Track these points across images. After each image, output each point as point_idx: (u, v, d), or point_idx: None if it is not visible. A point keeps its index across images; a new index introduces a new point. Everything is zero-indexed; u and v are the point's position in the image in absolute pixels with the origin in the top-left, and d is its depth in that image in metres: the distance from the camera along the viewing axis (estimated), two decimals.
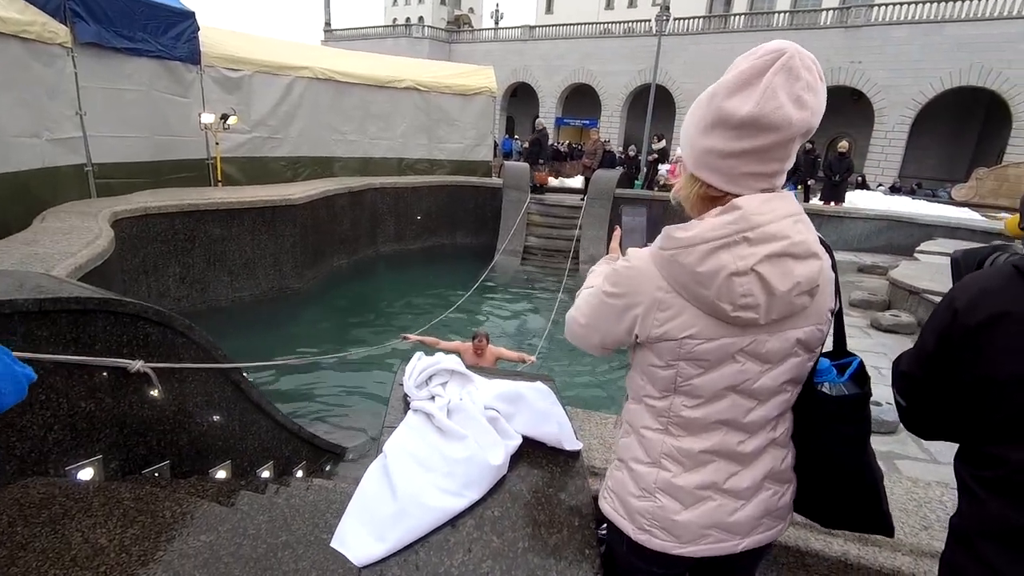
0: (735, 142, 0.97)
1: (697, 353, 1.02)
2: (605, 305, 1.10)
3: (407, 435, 1.44)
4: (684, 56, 28.98)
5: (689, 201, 1.09)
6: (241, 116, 9.02)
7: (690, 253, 0.98)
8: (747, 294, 0.97)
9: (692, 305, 1.00)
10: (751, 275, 0.96)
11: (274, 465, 3.66)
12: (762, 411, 1.08)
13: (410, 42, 37.11)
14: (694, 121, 1.04)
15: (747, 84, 0.94)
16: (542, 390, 1.58)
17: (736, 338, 1.01)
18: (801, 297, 1.01)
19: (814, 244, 1.02)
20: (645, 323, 1.04)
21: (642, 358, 1.11)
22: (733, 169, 1.00)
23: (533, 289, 10.63)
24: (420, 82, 12.06)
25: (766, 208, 0.98)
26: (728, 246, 0.96)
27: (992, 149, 24.07)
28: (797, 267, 0.98)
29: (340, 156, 11.24)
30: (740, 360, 1.03)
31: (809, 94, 0.95)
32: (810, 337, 1.07)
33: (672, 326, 1.02)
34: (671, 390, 1.08)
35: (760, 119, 0.93)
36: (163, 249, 6.86)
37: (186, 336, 2.95)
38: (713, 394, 1.05)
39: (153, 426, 2.87)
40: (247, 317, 7.45)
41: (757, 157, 0.98)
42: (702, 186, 1.05)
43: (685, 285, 1.00)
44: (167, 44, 7.98)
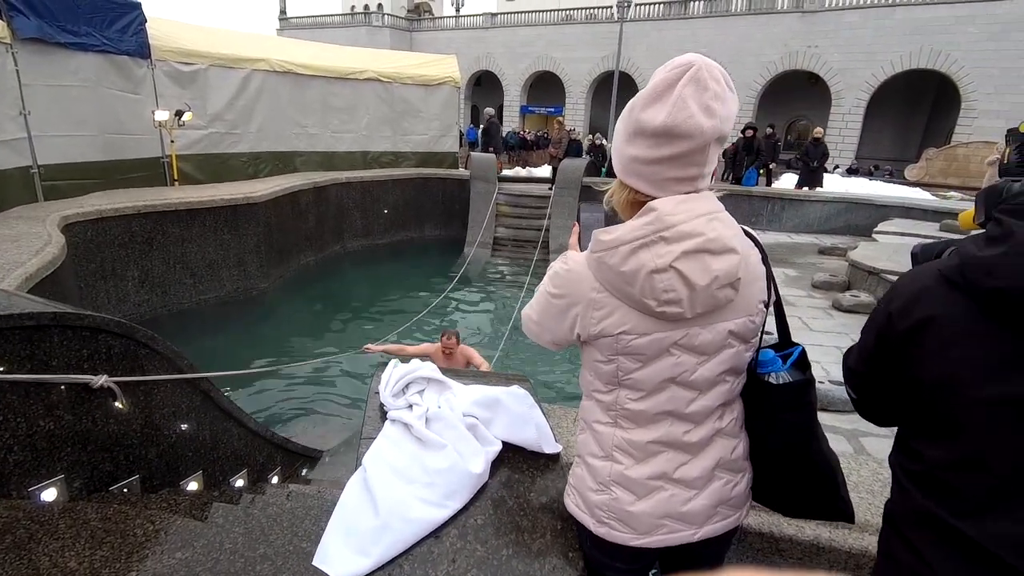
0: (654, 150, 1.03)
1: (633, 348, 1.08)
2: (551, 305, 1.17)
3: (386, 447, 1.43)
4: (646, 42, 29.16)
5: (620, 206, 1.15)
6: (197, 111, 8.72)
7: (614, 254, 1.04)
8: (669, 289, 1.02)
9: (623, 303, 1.06)
10: (670, 272, 1.02)
11: (248, 473, 3.59)
12: (704, 401, 1.13)
13: (370, 31, 36.38)
14: (620, 131, 1.10)
15: (660, 96, 1.00)
16: (519, 395, 1.58)
17: (668, 332, 1.07)
18: (723, 290, 1.06)
19: (730, 240, 1.07)
20: (584, 322, 1.11)
21: (588, 355, 1.17)
22: (656, 175, 1.06)
23: (504, 281, 10.64)
24: (382, 73, 11.84)
25: (681, 209, 1.04)
26: (646, 246, 1.02)
27: (942, 130, 25.01)
28: (714, 262, 1.04)
29: (302, 151, 10.98)
30: (675, 353, 1.08)
31: (717, 103, 1.00)
32: (742, 329, 1.12)
33: (608, 323, 1.08)
34: (615, 383, 1.13)
35: (673, 128, 0.99)
36: (120, 253, 6.61)
37: (149, 347, 2.86)
38: (654, 386, 1.11)
39: (119, 441, 2.78)
40: (213, 320, 7.26)
41: (676, 163, 1.04)
42: (630, 192, 1.12)
43: (614, 284, 1.06)
44: (113, 38, 7.64)
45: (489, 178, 11.92)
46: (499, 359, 6.77)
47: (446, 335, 4.85)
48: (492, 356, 6.60)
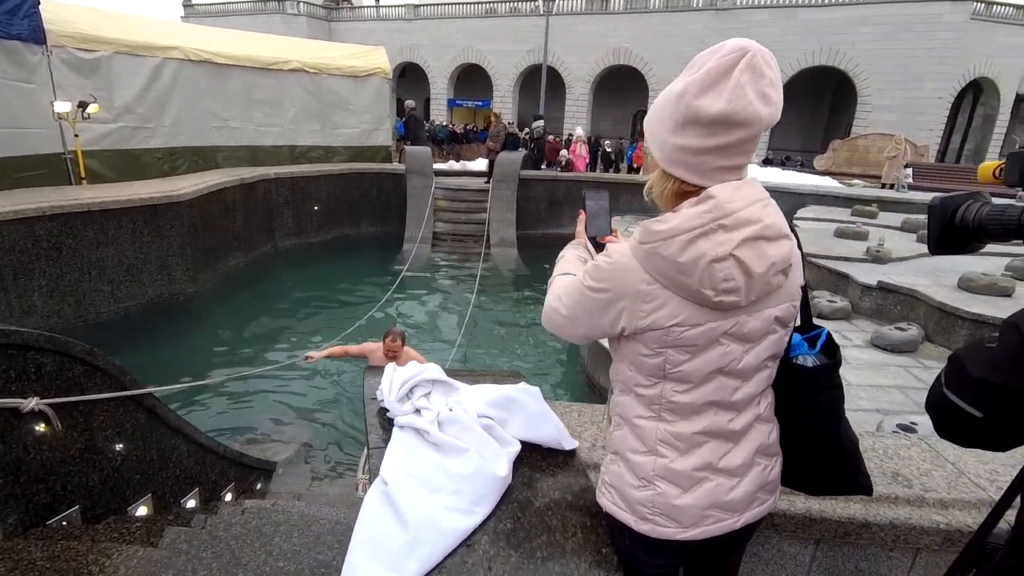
0: (707, 139, 1.01)
1: (684, 340, 1.06)
2: (588, 299, 1.12)
3: (402, 455, 1.34)
4: (569, 36, 29.58)
5: (663, 197, 1.13)
6: (103, 103, 7.97)
7: (670, 244, 1.01)
8: (728, 278, 1.01)
9: (676, 294, 1.04)
10: (730, 260, 1.01)
11: (200, 492, 3.34)
12: (747, 388, 1.13)
13: (284, 19, 34.67)
14: (662, 120, 1.07)
15: (716, 83, 0.98)
16: (532, 392, 1.53)
17: (720, 321, 1.06)
18: (777, 276, 1.07)
19: (784, 226, 1.09)
20: (631, 316, 1.08)
21: (629, 349, 1.14)
22: (704, 164, 1.04)
23: (447, 276, 10.50)
24: (308, 64, 11.32)
25: (737, 196, 1.04)
26: (706, 234, 1.01)
27: (842, 122, 27.06)
28: (771, 249, 1.05)
29: (223, 145, 10.32)
30: (725, 342, 1.08)
31: (772, 90, 1.00)
32: (785, 314, 1.14)
33: (658, 316, 1.06)
34: (660, 377, 1.11)
35: (731, 116, 0.98)
36: (22, 260, 5.96)
37: (88, 363, 2.58)
38: (702, 377, 1.10)
39: (56, 469, 2.50)
40: (138, 330, 6.70)
41: (727, 152, 1.03)
42: (675, 182, 1.09)
43: (668, 275, 1.03)
44: (1, 20, 6.84)
45: (426, 172, 11.71)
46: (457, 358, 6.67)
47: (390, 336, 4.36)
48: (448, 354, 6.51)
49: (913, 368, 4.51)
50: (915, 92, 23.06)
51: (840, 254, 6.51)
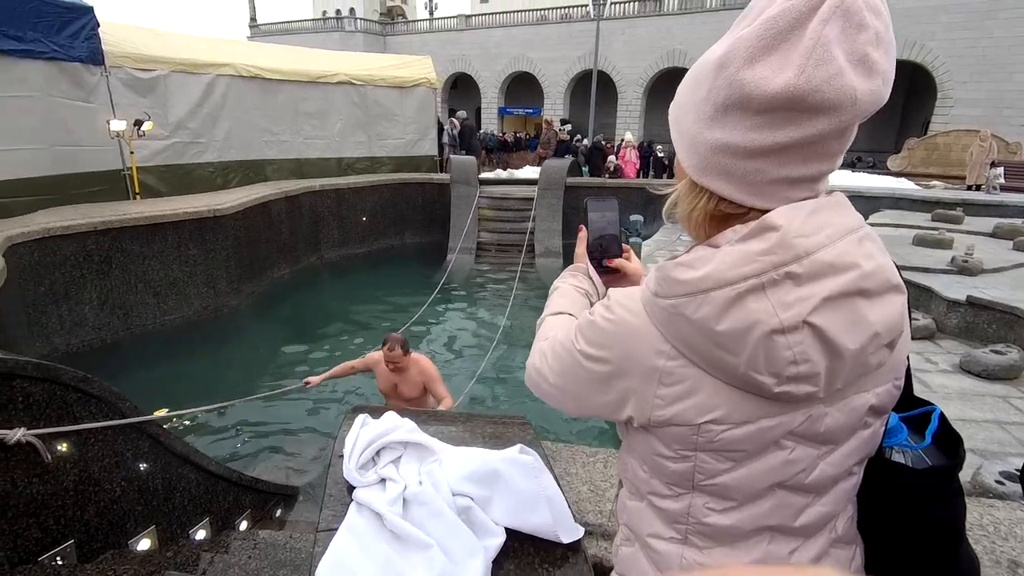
0: (764, 132, 0.64)
1: (724, 442, 0.70)
2: (581, 368, 0.78)
3: (349, 550, 1.05)
4: (621, 39, 29.03)
5: (692, 220, 0.75)
6: (158, 120, 8.23)
7: (702, 303, 0.65)
8: (800, 360, 0.64)
9: (711, 375, 0.68)
10: (803, 331, 0.64)
11: (211, 521, 3.18)
12: (820, 508, 0.76)
13: (342, 36, 35.76)
14: (693, 105, 0.71)
15: (780, 40, 0.60)
16: (524, 463, 1.20)
17: (782, 418, 0.69)
18: (879, 352, 0.69)
19: (893, 272, 0.71)
20: (641, 402, 0.73)
21: (641, 442, 0.78)
22: (759, 174, 0.67)
23: (489, 288, 10.27)
24: (354, 76, 11.41)
25: (814, 225, 0.66)
26: (763, 289, 0.64)
27: (917, 120, 25.20)
28: (873, 310, 0.67)
29: (273, 159, 10.51)
30: (788, 445, 0.71)
31: (879, 51, 0.62)
32: (885, 400, 0.75)
33: (684, 407, 0.70)
34: (688, 487, 0.76)
35: (806, 96, 0.60)
36: (75, 274, 6.13)
37: (81, 390, 2.44)
38: (752, 494, 0.73)
39: (47, 503, 2.37)
40: (178, 343, 6.78)
41: (797, 154, 0.65)
42: (710, 199, 0.72)
43: (698, 349, 0.68)
44: (63, 44, 7.13)
45: (470, 181, 11.56)
46: (485, 377, 6.39)
47: (388, 344, 3.76)
48: (476, 371, 6.23)
49: (1015, 398, 3.87)
50: (1003, 84, 21.15)
51: (920, 264, 5.81)
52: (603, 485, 1.80)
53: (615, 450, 2.09)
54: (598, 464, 1.97)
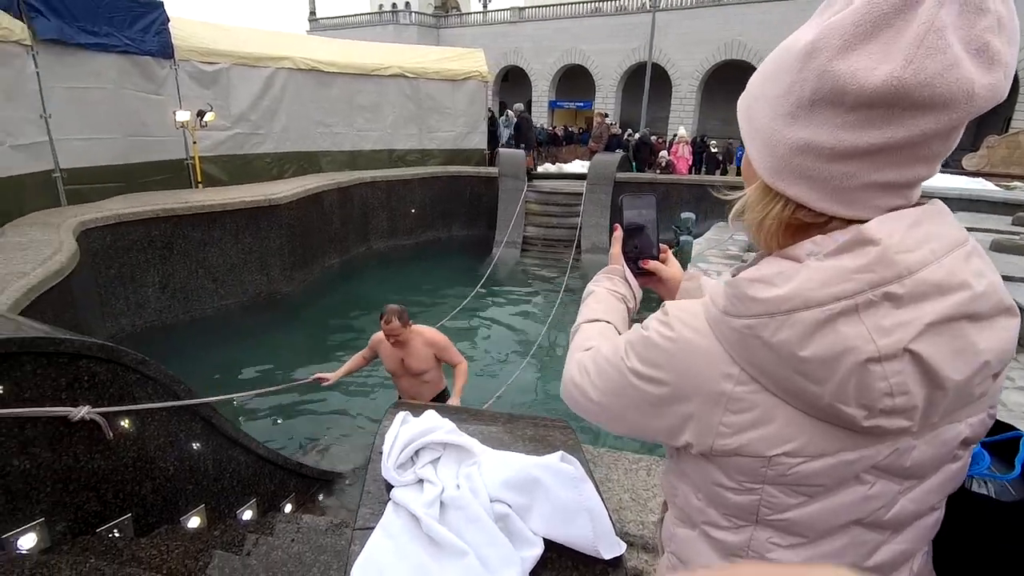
0: (855, 132, 0.56)
1: (797, 476, 0.63)
2: (632, 388, 0.71)
3: (384, 552, 1.05)
4: (677, 31, 28.29)
5: (764, 229, 0.67)
6: (220, 112, 8.54)
7: (783, 324, 0.58)
8: (897, 392, 0.57)
9: (789, 405, 0.61)
10: (903, 360, 0.56)
11: (258, 503, 3.28)
12: (897, 546, 0.68)
13: (397, 29, 36.31)
14: (770, 99, 0.63)
15: (883, 25, 0.53)
16: (564, 472, 1.15)
17: (865, 451, 0.62)
18: (985, 383, 0.62)
19: (1004, 292, 0.62)
20: (703, 429, 0.66)
21: (697, 470, 0.72)
22: (846, 179, 0.59)
23: (534, 282, 10.23)
24: (407, 68, 11.53)
25: (916, 238, 0.58)
26: (856, 311, 0.56)
27: (996, 117, 23.54)
28: (981, 336, 0.59)
29: (327, 150, 10.77)
30: (868, 480, 0.64)
31: (1001, 39, 0.53)
32: (979, 429, 0.67)
33: (753, 437, 0.63)
34: (750, 521, 0.69)
35: (913, 90, 0.52)
36: (140, 258, 6.45)
37: (140, 372, 2.55)
38: (824, 531, 0.66)
39: (108, 477, 2.49)
40: (233, 326, 7.05)
41: (894, 156, 0.57)
42: (787, 206, 0.64)
43: (774, 375, 0.61)
44: (135, 38, 7.49)
45: (518, 175, 11.52)
46: (526, 375, 6.36)
47: (384, 316, 3.50)
48: (517, 368, 6.21)
49: None
50: None
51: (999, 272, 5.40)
52: (645, 494, 1.74)
53: (659, 458, 2.02)
54: (641, 472, 1.91)
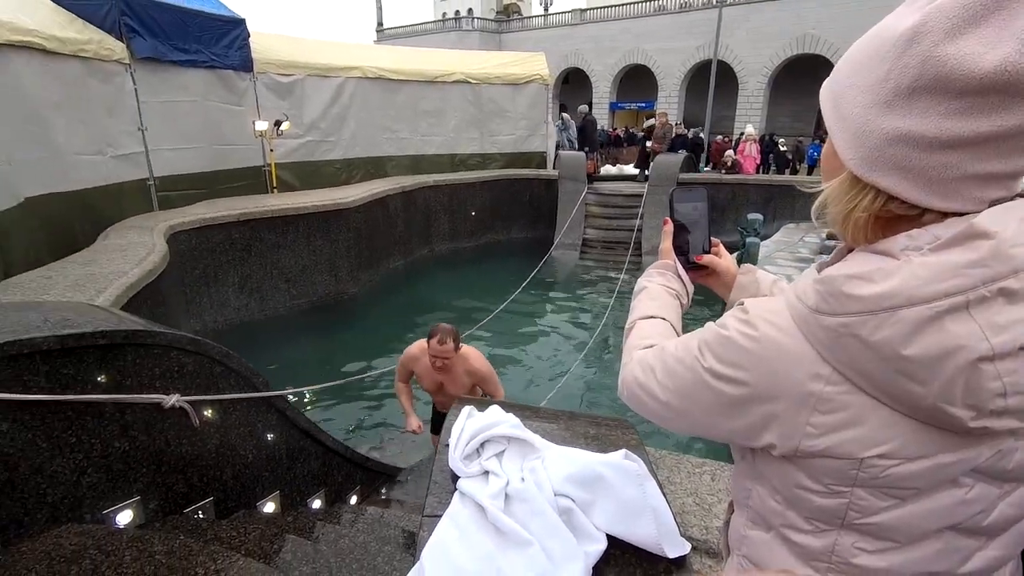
0: (960, 120, 0.54)
1: (891, 479, 0.61)
2: (707, 388, 0.70)
3: (452, 538, 1.09)
4: (745, 27, 27.33)
5: (851, 222, 0.65)
6: (294, 121, 9.01)
7: (885, 322, 0.57)
8: (1011, 391, 0.55)
9: (886, 405, 0.60)
10: (1019, 358, 0.55)
11: (326, 493, 3.44)
12: (991, 552, 0.65)
13: (459, 35, 36.98)
14: (864, 87, 0.61)
15: (995, 7, 0.51)
16: (628, 470, 1.16)
17: (966, 452, 0.60)
18: None
19: None
20: (788, 429, 0.65)
21: (776, 472, 0.70)
22: (946, 169, 0.57)
23: (592, 284, 10.16)
24: (470, 74, 11.75)
25: None
26: (966, 308, 0.55)
27: None
28: None
29: (392, 155, 11.13)
30: (966, 483, 0.61)
31: None
32: None
33: (844, 438, 0.62)
34: (835, 524, 0.67)
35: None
36: (222, 259, 6.88)
37: (224, 364, 2.73)
38: (916, 535, 0.64)
39: (193, 462, 2.68)
40: (304, 325, 7.40)
41: (1000, 146, 0.55)
42: (877, 198, 0.62)
43: (872, 375, 0.59)
44: (220, 53, 8.02)
45: (578, 177, 11.49)
46: (582, 375, 6.33)
47: (438, 336, 3.15)
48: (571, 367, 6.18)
49: None
50: None
51: None
52: (710, 499, 1.71)
53: (725, 463, 1.98)
54: (705, 476, 1.87)
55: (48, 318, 2.29)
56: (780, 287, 1.01)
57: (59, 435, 2.17)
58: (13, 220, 4.75)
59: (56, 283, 3.93)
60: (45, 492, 2.18)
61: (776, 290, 1.00)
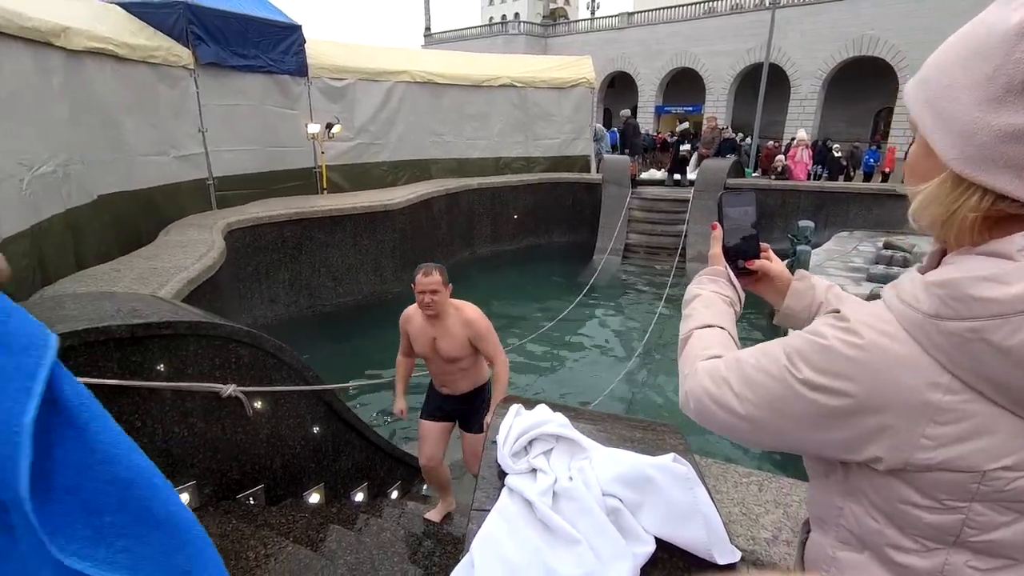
0: None
1: (1016, 491, 0.59)
2: (801, 400, 0.67)
3: (501, 532, 1.11)
4: (800, 29, 26.53)
5: (956, 224, 0.63)
6: (345, 124, 9.25)
7: (1018, 327, 0.55)
8: None
9: (1014, 414, 0.58)
10: None
11: (368, 487, 3.52)
12: None
13: (505, 40, 37.25)
14: (970, 84, 0.60)
15: None
16: (678, 473, 1.16)
17: None
18: None
19: None
20: (901, 442, 0.62)
21: (877, 487, 0.68)
22: None
23: (634, 290, 10.04)
24: (516, 78, 11.81)
25: None
26: None
27: None
28: None
29: (437, 158, 11.29)
30: None
31: None
32: None
33: (966, 450, 0.59)
34: (947, 543, 0.64)
35: None
36: (273, 257, 7.13)
37: (277, 357, 2.84)
38: None
39: (246, 450, 2.80)
40: (349, 322, 7.59)
41: None
42: (985, 197, 0.60)
43: (1003, 382, 0.57)
44: (277, 59, 8.32)
45: (622, 182, 11.38)
46: (628, 381, 6.27)
47: (423, 270, 2.90)
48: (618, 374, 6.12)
49: None
50: None
51: None
52: (757, 510, 1.68)
53: (771, 474, 1.93)
54: (752, 486, 1.84)
55: (120, 308, 2.44)
56: (836, 293, 0.99)
57: (127, 419, 2.30)
58: (86, 216, 5.06)
59: (124, 276, 4.16)
60: None
61: (832, 296, 0.97)
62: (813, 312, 0.96)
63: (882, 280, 6.33)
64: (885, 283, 6.09)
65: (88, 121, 5.34)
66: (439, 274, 2.94)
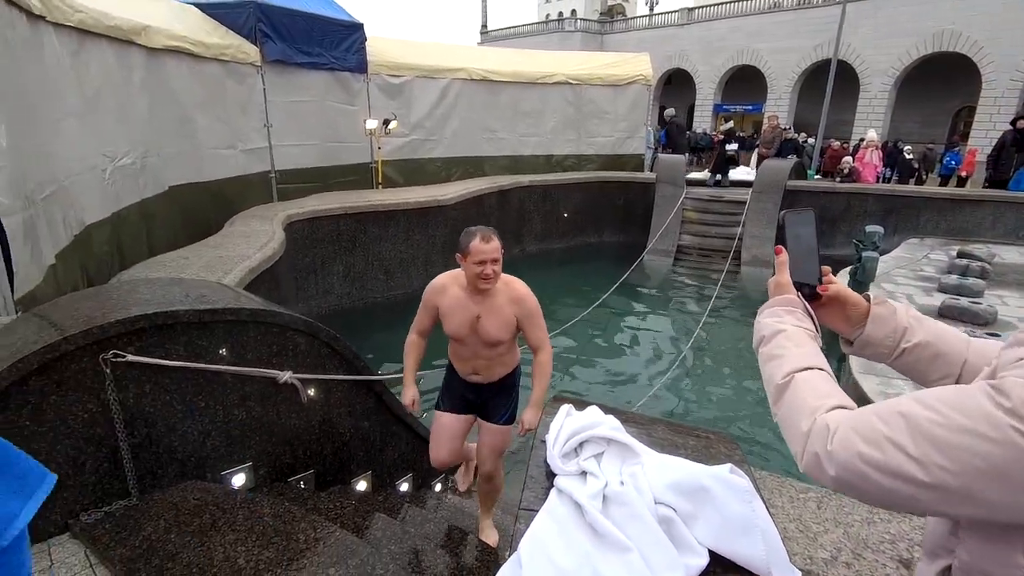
0: None
1: None
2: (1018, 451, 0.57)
3: (550, 534, 1.09)
4: (871, 23, 25.17)
5: None
6: (401, 120, 9.43)
7: None
8: None
9: None
10: None
11: (413, 477, 3.58)
12: None
13: (561, 36, 37.01)
14: None
15: None
16: (735, 485, 1.11)
17: None
18: None
19: None
20: None
21: None
22: None
23: (685, 292, 9.80)
24: (571, 75, 11.73)
25: None
26: None
27: None
28: None
29: (491, 155, 11.35)
30: None
31: None
32: None
33: None
34: None
35: None
36: (329, 249, 7.35)
37: (331, 347, 2.92)
38: None
39: (299, 435, 2.89)
40: (398, 315, 7.72)
41: None
42: None
43: None
44: (339, 56, 8.56)
45: (677, 181, 11.13)
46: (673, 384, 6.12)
47: (478, 234, 2.49)
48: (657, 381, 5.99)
49: None
50: None
51: None
52: (815, 528, 1.61)
53: (831, 491, 1.84)
54: (810, 503, 1.76)
55: (189, 294, 2.56)
56: (914, 315, 0.91)
57: (191, 399, 2.42)
58: (159, 206, 5.35)
59: (192, 263, 4.38)
60: (176, 449, 2.44)
61: (911, 319, 0.90)
62: (898, 339, 0.87)
63: (955, 291, 5.93)
64: (958, 294, 5.61)
65: (164, 115, 5.64)
66: (498, 239, 2.51)
